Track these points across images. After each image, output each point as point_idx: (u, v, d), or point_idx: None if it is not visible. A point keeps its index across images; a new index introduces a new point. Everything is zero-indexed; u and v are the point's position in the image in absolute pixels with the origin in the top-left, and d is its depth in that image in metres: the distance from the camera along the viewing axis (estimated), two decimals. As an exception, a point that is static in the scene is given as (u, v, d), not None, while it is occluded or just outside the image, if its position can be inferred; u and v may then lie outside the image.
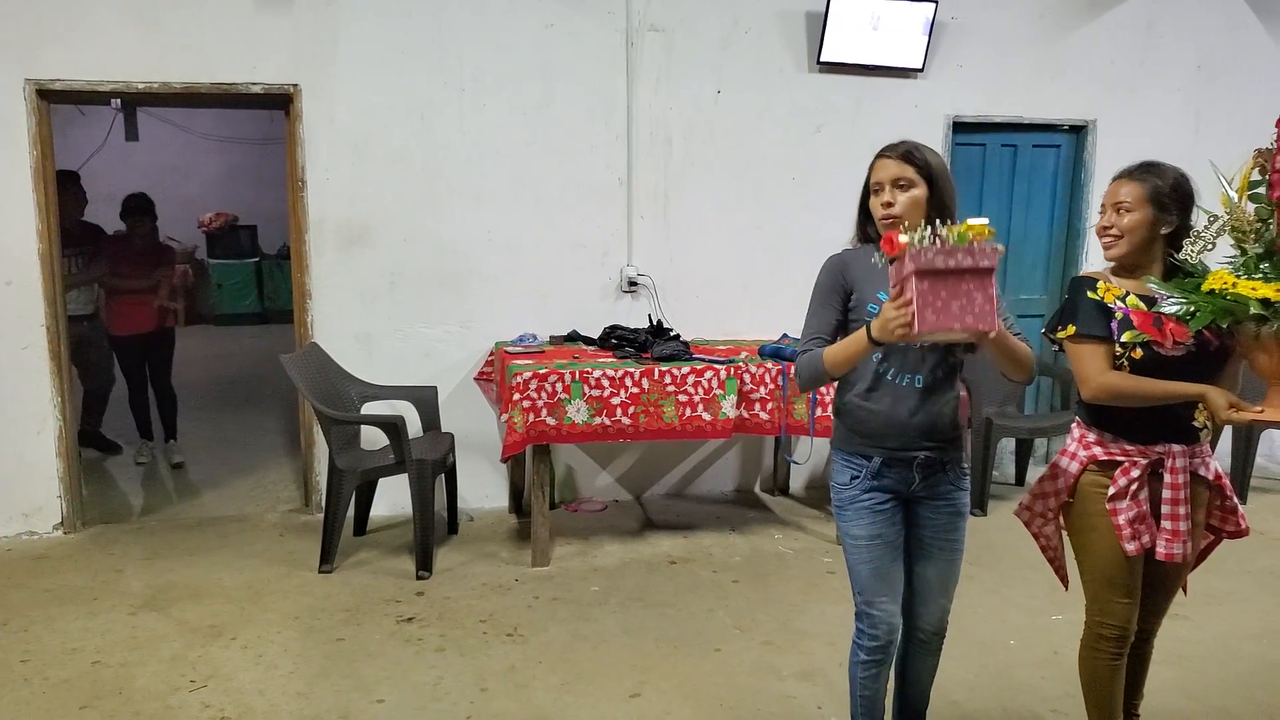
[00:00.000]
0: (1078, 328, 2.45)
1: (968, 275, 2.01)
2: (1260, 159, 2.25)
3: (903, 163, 2.32)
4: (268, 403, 7.53)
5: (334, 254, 4.83)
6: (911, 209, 2.30)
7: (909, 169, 2.31)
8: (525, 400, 4.21)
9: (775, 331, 5.16)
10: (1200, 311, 2.20)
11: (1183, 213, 2.43)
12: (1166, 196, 2.41)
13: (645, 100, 5.10)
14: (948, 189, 2.33)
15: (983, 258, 1.99)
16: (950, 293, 2.01)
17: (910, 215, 2.30)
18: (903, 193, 2.31)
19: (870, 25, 5.17)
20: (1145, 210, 2.41)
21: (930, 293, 2.01)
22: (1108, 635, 2.55)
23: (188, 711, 3.13)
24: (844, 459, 2.49)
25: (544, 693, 3.27)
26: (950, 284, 2.01)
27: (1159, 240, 2.44)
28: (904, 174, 2.31)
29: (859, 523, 2.45)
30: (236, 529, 4.82)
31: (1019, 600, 4.01)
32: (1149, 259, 2.46)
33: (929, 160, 2.33)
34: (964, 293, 2.02)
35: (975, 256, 1.99)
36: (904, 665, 2.67)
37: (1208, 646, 3.65)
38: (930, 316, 2.02)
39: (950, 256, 1.99)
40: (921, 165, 2.31)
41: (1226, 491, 2.58)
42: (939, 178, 2.32)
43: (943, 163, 2.37)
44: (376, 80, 4.76)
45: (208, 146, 12.10)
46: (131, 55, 4.47)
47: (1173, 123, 5.74)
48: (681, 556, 4.54)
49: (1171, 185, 2.42)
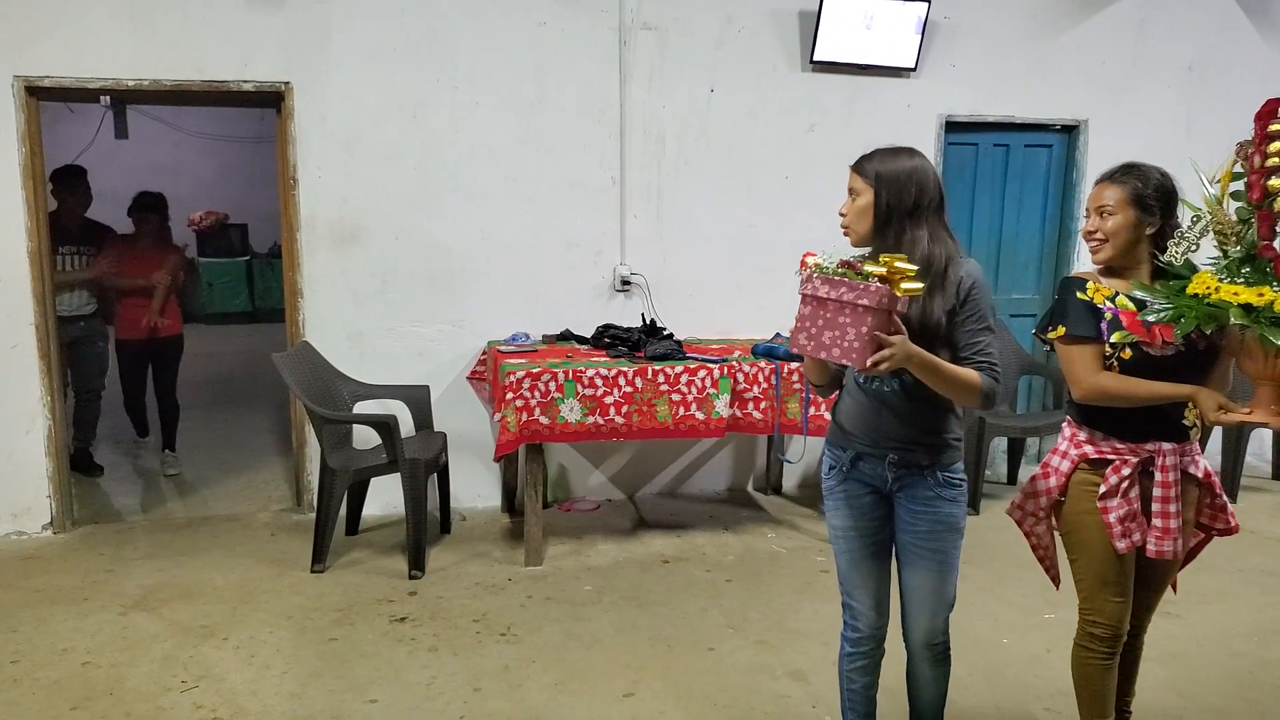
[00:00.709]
0: (1068, 329, 2.46)
1: (847, 309, 2.08)
2: (1242, 152, 2.25)
3: (853, 172, 2.41)
4: (259, 402, 7.50)
5: (326, 252, 4.81)
6: (856, 217, 2.38)
7: (858, 179, 2.38)
8: (518, 399, 4.20)
9: (768, 330, 5.16)
10: (1185, 316, 2.20)
11: (1166, 212, 2.45)
12: (1149, 198, 2.42)
13: (638, 99, 5.09)
14: (895, 194, 2.31)
15: (863, 296, 2.06)
16: (826, 323, 2.11)
17: (855, 223, 2.38)
18: (852, 201, 2.39)
19: (863, 24, 5.17)
20: (1128, 213, 2.43)
21: (809, 318, 2.14)
22: (1100, 634, 2.56)
23: (179, 712, 3.12)
24: (828, 450, 2.58)
25: (538, 692, 3.27)
26: (829, 314, 2.11)
27: (1144, 241, 2.46)
28: (854, 183, 2.39)
29: (836, 513, 2.54)
30: (228, 529, 4.80)
31: (1011, 599, 4.02)
32: (1135, 260, 2.48)
33: (878, 169, 2.34)
34: (839, 325, 2.10)
35: (856, 293, 2.07)
36: (908, 673, 2.66)
37: (1199, 644, 3.66)
38: (803, 340, 2.15)
39: (833, 288, 2.09)
40: (869, 174, 2.36)
41: (1216, 489, 2.59)
42: (886, 185, 2.32)
43: (904, 169, 2.32)
44: (368, 78, 4.74)
45: (198, 145, 12.04)
46: (122, 52, 4.45)
47: (1165, 123, 5.75)
48: (675, 556, 4.53)
49: (1153, 186, 2.43)
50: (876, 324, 2.08)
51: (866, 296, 2.05)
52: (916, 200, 2.31)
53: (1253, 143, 2.21)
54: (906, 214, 2.31)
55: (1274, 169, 2.14)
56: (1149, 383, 2.37)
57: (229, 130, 11.84)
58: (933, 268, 2.28)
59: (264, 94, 4.68)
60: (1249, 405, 2.26)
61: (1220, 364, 2.44)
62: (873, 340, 2.08)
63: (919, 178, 2.32)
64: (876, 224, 2.34)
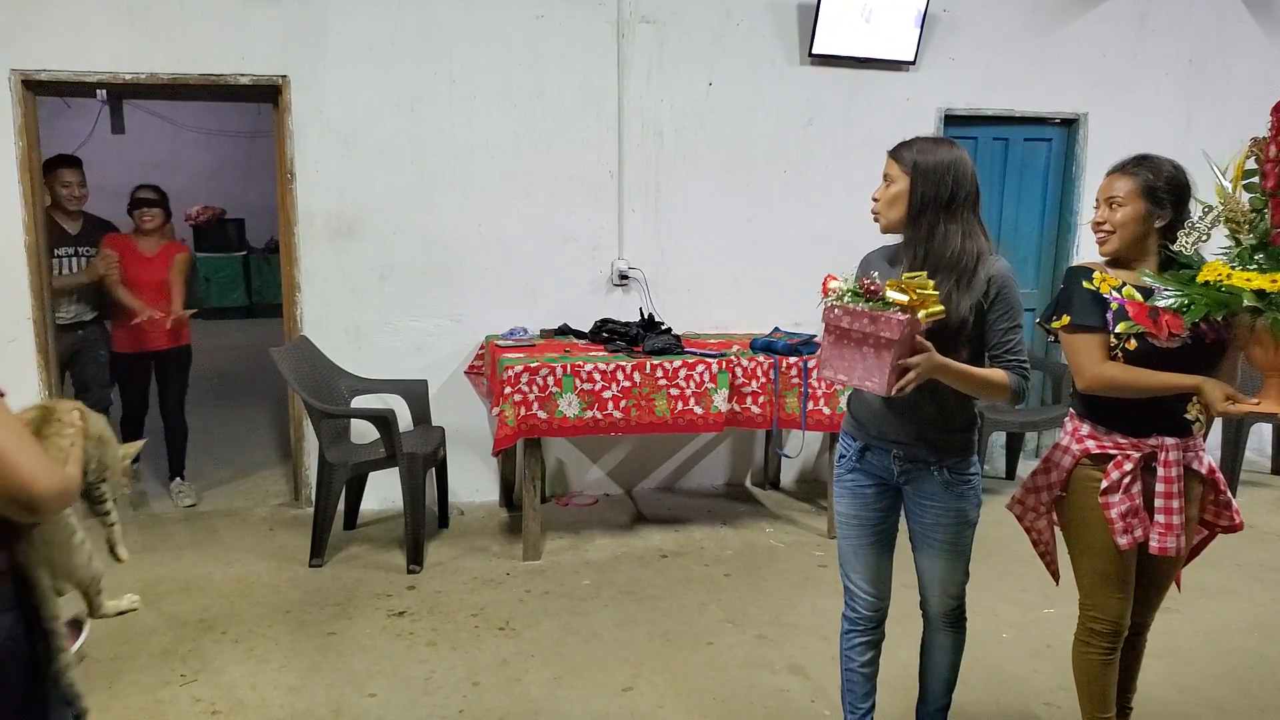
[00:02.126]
0: (1073, 318, 2.44)
1: (870, 339, 2.12)
2: (1255, 148, 2.25)
3: (890, 158, 2.40)
4: (257, 397, 7.49)
5: (323, 247, 4.80)
6: (888, 205, 2.38)
7: (895, 165, 2.38)
8: (516, 394, 4.19)
9: (767, 325, 5.16)
10: (1195, 304, 2.19)
11: (1177, 205, 2.42)
12: (1160, 190, 2.40)
13: (636, 93, 5.08)
14: (932, 185, 2.31)
15: (885, 328, 2.09)
16: (851, 352, 2.17)
17: (886, 210, 2.39)
18: (885, 188, 2.39)
19: (862, 18, 5.15)
20: (1138, 205, 2.41)
21: (834, 347, 2.19)
22: (1101, 630, 2.55)
23: (178, 706, 3.11)
24: (841, 438, 2.60)
25: (536, 687, 3.26)
26: (853, 343, 2.15)
27: (1153, 234, 2.43)
28: (889, 169, 2.39)
29: (841, 500, 2.57)
30: (226, 523, 4.79)
31: (1011, 594, 4.02)
32: (1143, 252, 2.45)
33: (917, 159, 2.33)
34: (863, 354, 2.15)
35: (878, 325, 2.10)
36: (923, 644, 2.70)
37: (1199, 639, 3.67)
38: (828, 372, 2.22)
39: (855, 319, 2.13)
40: (906, 162, 2.35)
41: (1220, 486, 2.57)
42: (923, 175, 2.31)
43: (943, 161, 2.32)
44: (366, 72, 4.73)
45: (195, 139, 12.00)
46: (118, 46, 4.43)
47: (1164, 117, 5.74)
48: (673, 550, 4.53)
49: (1165, 179, 2.41)
50: (900, 353, 2.11)
51: (889, 329, 2.08)
52: (953, 193, 2.31)
53: (1269, 134, 2.21)
54: (942, 207, 2.31)
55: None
56: (1155, 373, 2.36)
57: (226, 125, 11.80)
58: (963, 263, 2.28)
59: (261, 88, 4.66)
60: (1258, 396, 2.25)
61: (1228, 357, 2.42)
62: (897, 368, 2.12)
63: (957, 171, 2.31)
64: (910, 214, 2.34)
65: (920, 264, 2.31)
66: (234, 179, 11.98)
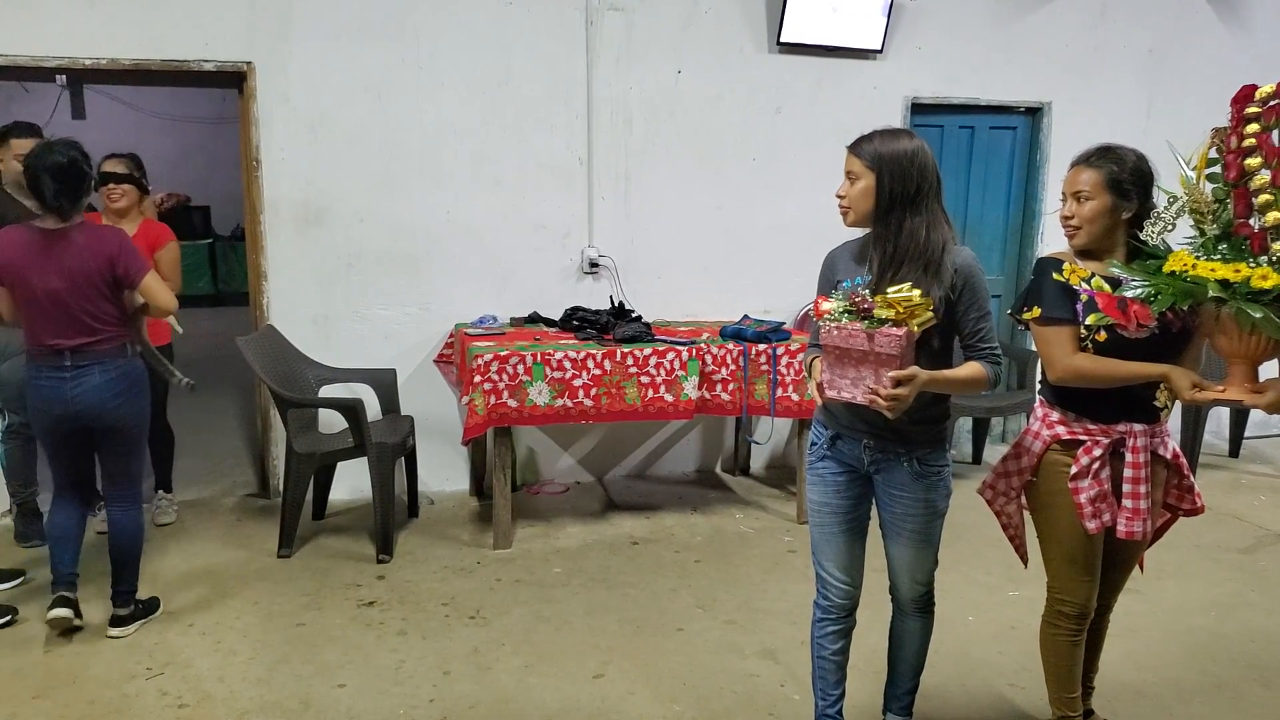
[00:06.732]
0: (1044, 310, 2.47)
1: (869, 356, 2.23)
2: (1217, 138, 2.28)
3: (850, 154, 2.40)
4: (224, 386, 7.39)
5: (290, 235, 4.75)
6: (858, 199, 2.38)
7: (856, 161, 2.38)
8: (486, 382, 4.18)
9: (736, 312, 5.18)
10: (1162, 294, 2.23)
11: (1143, 196, 2.44)
12: (1125, 183, 2.42)
13: (605, 80, 5.06)
14: (899, 179, 2.31)
15: (880, 345, 2.19)
16: (854, 370, 2.27)
17: (856, 204, 2.39)
18: (851, 184, 2.39)
19: (830, 6, 5.17)
20: (1104, 197, 2.43)
21: (835, 366, 2.30)
22: (1068, 612, 2.60)
23: (144, 699, 3.09)
24: (813, 425, 2.63)
25: (507, 675, 3.27)
26: (852, 362, 2.26)
27: (1121, 225, 2.46)
28: (851, 166, 2.39)
29: (813, 488, 2.60)
30: (192, 514, 4.75)
31: (977, 577, 4.07)
32: (1112, 243, 2.48)
33: (879, 150, 2.33)
34: (860, 372, 2.26)
35: (873, 343, 2.21)
36: (891, 629, 2.74)
37: (1158, 619, 3.74)
38: (832, 393, 2.32)
39: (852, 339, 2.24)
40: (869, 156, 2.34)
41: (1184, 470, 2.62)
42: (889, 168, 2.31)
43: (905, 152, 2.32)
44: (332, 58, 4.68)
45: (159, 126, 11.82)
46: (78, 29, 4.35)
47: (1126, 105, 5.81)
48: (644, 537, 4.55)
49: (1130, 170, 2.43)
50: (900, 366, 2.21)
51: (884, 345, 2.19)
52: (919, 185, 2.32)
53: (1230, 125, 2.25)
54: (909, 200, 2.32)
55: (1250, 149, 2.19)
56: (1124, 363, 2.39)
57: (190, 111, 11.64)
58: (929, 254, 2.30)
59: (225, 74, 4.60)
60: (1222, 383, 2.29)
61: (1193, 345, 2.46)
62: (890, 380, 2.21)
63: (920, 161, 2.32)
64: (878, 210, 2.34)
65: (890, 259, 2.33)
66: (199, 165, 11.83)
